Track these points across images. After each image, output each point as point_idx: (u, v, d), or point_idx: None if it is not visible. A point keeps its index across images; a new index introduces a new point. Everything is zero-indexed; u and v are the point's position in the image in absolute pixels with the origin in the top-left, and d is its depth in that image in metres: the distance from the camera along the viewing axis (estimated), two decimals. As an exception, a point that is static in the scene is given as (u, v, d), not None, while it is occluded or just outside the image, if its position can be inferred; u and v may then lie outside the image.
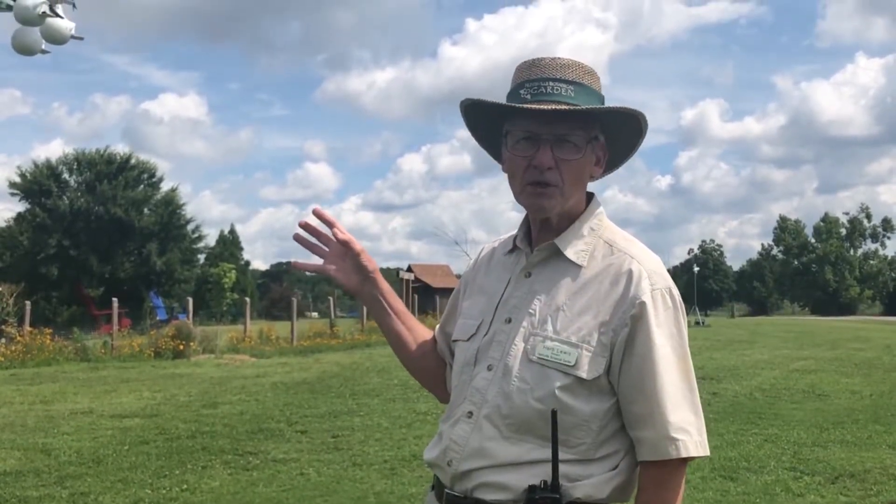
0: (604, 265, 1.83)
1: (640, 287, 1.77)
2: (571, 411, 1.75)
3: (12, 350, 19.15)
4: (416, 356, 2.18)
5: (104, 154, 56.12)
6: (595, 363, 1.76)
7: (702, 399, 7.20)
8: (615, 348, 1.76)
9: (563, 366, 1.76)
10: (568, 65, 1.82)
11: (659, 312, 1.76)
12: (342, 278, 2.07)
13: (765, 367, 16.17)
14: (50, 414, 11.12)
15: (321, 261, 2.09)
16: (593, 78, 1.85)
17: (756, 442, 8.83)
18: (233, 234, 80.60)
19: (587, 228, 1.88)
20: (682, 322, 1.81)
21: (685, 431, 1.75)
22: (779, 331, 29.72)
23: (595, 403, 1.77)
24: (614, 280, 1.80)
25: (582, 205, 1.90)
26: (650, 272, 1.80)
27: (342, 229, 2.03)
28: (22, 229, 52.71)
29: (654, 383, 1.74)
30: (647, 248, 1.88)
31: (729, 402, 11.55)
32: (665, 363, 1.75)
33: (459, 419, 1.87)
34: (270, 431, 9.68)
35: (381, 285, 2.11)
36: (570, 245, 1.86)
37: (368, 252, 2.06)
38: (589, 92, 1.83)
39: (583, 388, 1.76)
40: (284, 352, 22.23)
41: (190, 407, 11.63)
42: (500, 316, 1.89)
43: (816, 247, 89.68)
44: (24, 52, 6.65)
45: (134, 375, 16.10)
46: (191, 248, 60.14)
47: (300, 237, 2.07)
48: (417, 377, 2.26)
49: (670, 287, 1.81)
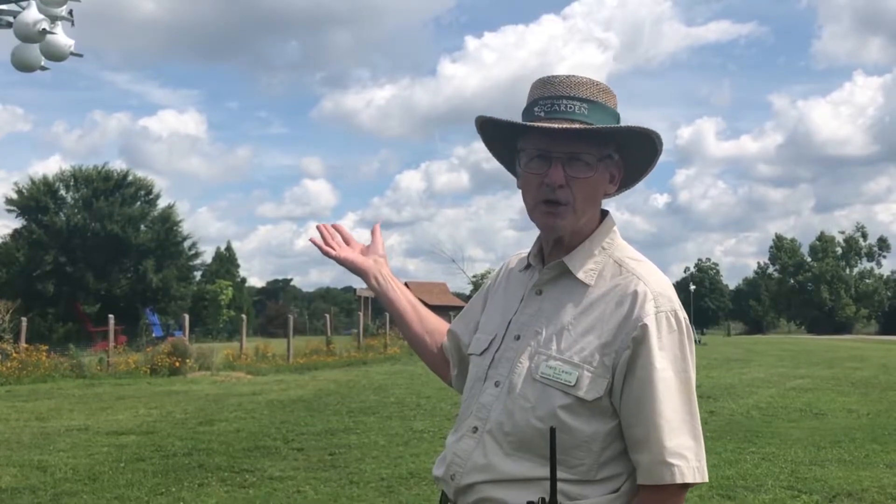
0: (611, 285, 1.82)
1: (643, 309, 1.75)
2: (572, 431, 1.74)
3: (8, 367, 19.10)
4: (420, 333, 2.29)
5: (101, 171, 56.18)
6: (596, 384, 1.75)
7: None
8: (617, 370, 1.75)
9: (563, 385, 1.76)
10: (582, 83, 1.83)
11: (662, 335, 1.74)
12: (351, 256, 2.30)
13: (761, 386, 16.17)
14: (46, 430, 11.09)
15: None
16: (608, 95, 1.85)
17: (753, 461, 8.81)
18: (229, 252, 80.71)
19: (598, 247, 1.88)
20: (686, 345, 1.78)
21: (682, 457, 1.72)
22: (775, 349, 29.74)
23: (596, 424, 1.76)
24: (619, 301, 1.79)
25: (594, 223, 1.90)
26: (656, 294, 1.77)
27: (377, 233, 2.38)
28: (18, 246, 52.69)
29: (652, 407, 1.72)
30: (656, 268, 1.87)
31: (726, 421, 11.54)
32: (665, 387, 1.73)
33: (464, 434, 1.89)
34: (267, 449, 9.65)
35: (388, 268, 2.33)
36: (579, 263, 1.86)
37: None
38: (603, 109, 1.83)
39: (584, 409, 1.75)
40: (281, 369, 22.19)
41: (186, 424, 11.60)
42: (510, 333, 1.90)
43: (812, 266, 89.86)
44: (23, 69, 6.68)
45: (130, 392, 16.07)
46: (187, 265, 60.12)
47: (319, 230, 2.37)
48: (420, 355, 2.35)
49: (676, 310, 1.78)
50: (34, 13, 6.19)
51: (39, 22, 6.19)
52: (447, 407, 12.91)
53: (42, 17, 6.23)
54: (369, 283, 2.31)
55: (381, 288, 2.29)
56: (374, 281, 2.30)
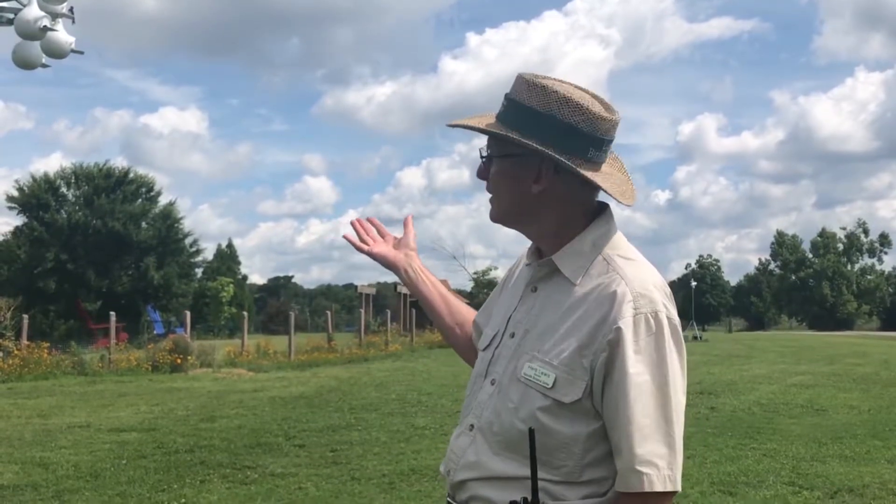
0: (594, 284, 1.78)
1: (620, 311, 1.70)
2: (552, 433, 1.72)
3: (9, 364, 19.11)
4: (451, 325, 2.32)
5: (102, 168, 56.28)
6: (574, 387, 1.72)
7: (700, 414, 7.26)
8: (595, 372, 1.71)
9: (542, 387, 1.74)
10: (524, 81, 1.83)
11: (639, 338, 1.69)
12: (384, 251, 2.35)
13: (763, 382, 16.17)
14: (47, 428, 11.11)
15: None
16: (538, 94, 1.79)
17: (755, 457, 8.82)
18: (230, 249, 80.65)
19: (589, 243, 1.84)
20: (667, 348, 1.71)
21: (652, 465, 1.66)
22: (776, 346, 29.74)
23: (577, 426, 1.73)
24: (600, 301, 1.75)
25: (578, 218, 1.86)
26: (636, 294, 1.72)
27: (409, 226, 2.41)
28: (20, 243, 52.76)
29: (625, 413, 1.67)
30: (647, 265, 1.83)
31: (727, 417, 11.54)
32: (638, 392, 1.67)
33: (463, 431, 1.90)
34: (268, 446, 9.66)
35: (419, 260, 2.35)
36: (567, 260, 1.84)
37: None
38: (516, 108, 1.81)
39: (563, 411, 1.73)
40: (282, 366, 22.20)
41: (188, 421, 11.61)
42: (508, 330, 1.90)
43: (814, 262, 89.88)
44: (24, 67, 6.68)
45: (131, 389, 16.08)
46: (188, 263, 60.21)
47: (353, 226, 2.42)
48: (452, 345, 2.37)
49: (657, 311, 1.72)
50: (35, 10, 6.19)
51: (40, 19, 6.19)
52: (448, 403, 12.92)
53: (43, 14, 6.23)
54: (400, 276, 2.33)
55: (412, 281, 2.32)
56: (405, 274, 2.32)
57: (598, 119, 1.78)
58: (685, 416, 1.74)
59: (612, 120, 1.81)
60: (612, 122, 1.82)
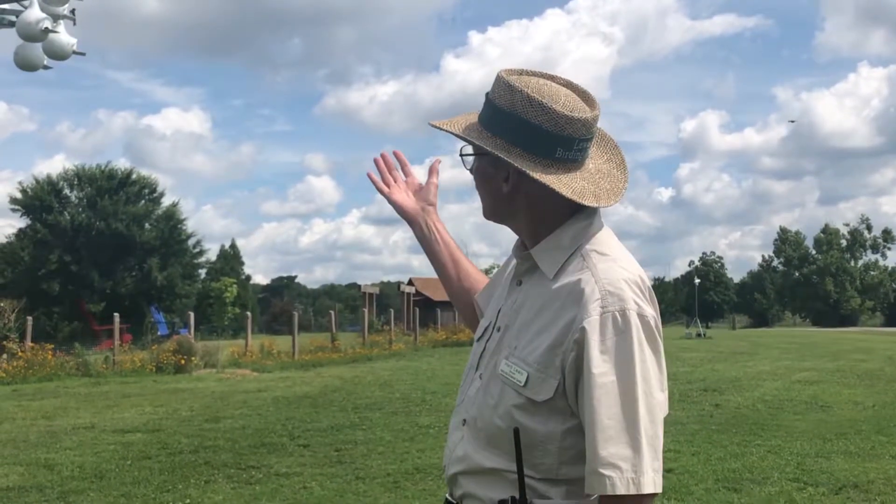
0: (568, 280, 1.76)
1: (586, 309, 1.68)
2: (527, 431, 1.71)
3: (14, 366, 19.14)
4: (458, 290, 2.32)
5: (105, 169, 56.34)
6: (545, 385, 1.70)
7: (704, 411, 7.27)
8: (566, 371, 1.69)
9: (515, 384, 1.74)
10: (498, 79, 1.82)
11: (607, 338, 1.66)
12: (403, 200, 2.32)
13: (767, 379, 16.15)
14: (52, 429, 11.12)
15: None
16: (506, 93, 1.79)
17: (759, 453, 8.82)
18: (234, 249, 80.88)
19: (568, 238, 1.81)
20: (637, 347, 1.66)
21: (615, 467, 1.62)
22: (780, 342, 29.69)
23: (553, 424, 1.71)
24: (571, 298, 1.72)
25: (556, 212, 1.83)
26: (605, 293, 1.69)
27: (435, 174, 2.36)
28: (23, 245, 52.84)
29: (590, 414, 1.64)
30: (623, 261, 1.79)
31: (731, 414, 11.54)
32: (603, 393, 1.63)
33: (457, 426, 1.91)
34: (273, 446, 9.67)
35: (436, 216, 2.33)
36: (545, 255, 1.82)
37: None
38: (491, 108, 1.82)
39: (537, 409, 1.72)
40: (286, 366, 22.20)
41: (192, 421, 11.62)
42: (497, 324, 1.90)
43: (817, 258, 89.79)
44: (26, 68, 6.70)
45: (136, 390, 16.09)
46: (192, 263, 60.28)
47: (377, 164, 2.37)
48: (456, 308, 2.37)
49: (626, 308, 1.68)
50: (37, 12, 6.21)
51: (42, 21, 6.20)
52: (452, 402, 12.81)
53: (45, 16, 6.24)
54: (415, 231, 2.32)
55: (425, 238, 2.31)
56: (419, 230, 2.31)
57: (563, 119, 1.75)
58: (695, 413, 1.73)
59: (582, 120, 1.77)
60: (583, 122, 1.77)
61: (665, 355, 1.76)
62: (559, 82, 1.84)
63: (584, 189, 1.77)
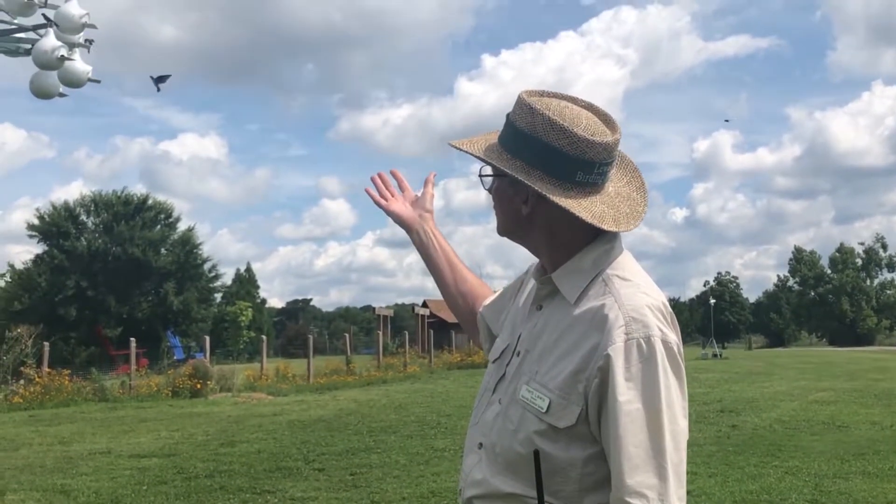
0: (590, 306, 1.74)
1: (610, 336, 1.67)
2: (548, 457, 1.70)
3: (31, 391, 19.22)
4: (455, 294, 2.35)
5: (122, 195, 56.63)
6: (568, 412, 1.69)
7: (721, 432, 7.24)
8: (590, 398, 1.68)
9: (537, 411, 1.72)
10: (519, 100, 1.82)
11: (631, 364, 1.65)
12: (400, 209, 2.38)
13: (784, 399, 16.07)
14: (69, 455, 11.16)
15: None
16: (527, 116, 1.79)
17: (777, 474, 8.77)
18: (249, 273, 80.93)
19: (589, 262, 1.81)
20: (661, 374, 1.65)
21: (641, 496, 1.61)
22: (797, 362, 29.53)
23: (574, 451, 1.70)
24: (594, 324, 1.71)
25: (577, 236, 1.82)
26: (629, 319, 1.68)
27: (430, 185, 2.42)
28: (40, 271, 53.03)
29: (616, 442, 1.63)
30: (645, 286, 1.78)
31: (748, 435, 11.48)
32: (629, 420, 1.63)
33: (472, 449, 1.91)
34: (288, 470, 9.68)
35: (433, 223, 2.37)
36: (565, 280, 1.81)
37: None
38: (511, 129, 1.82)
39: (559, 435, 1.70)
40: (301, 389, 22.22)
41: (208, 446, 11.64)
42: (517, 348, 1.88)
43: (833, 277, 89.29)
44: (42, 96, 6.74)
45: (152, 415, 16.13)
46: (207, 288, 60.39)
47: (374, 182, 2.45)
48: (453, 312, 2.40)
49: (650, 335, 1.67)
50: (52, 41, 6.26)
51: (57, 49, 6.26)
52: (468, 425, 12.87)
53: (60, 44, 6.29)
54: (412, 237, 2.36)
55: (422, 243, 2.34)
56: (416, 236, 2.35)
57: (583, 143, 1.74)
58: (710, 437, 1.70)
59: (603, 143, 1.76)
60: (604, 146, 1.76)
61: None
62: (581, 105, 1.83)
63: (603, 213, 1.77)
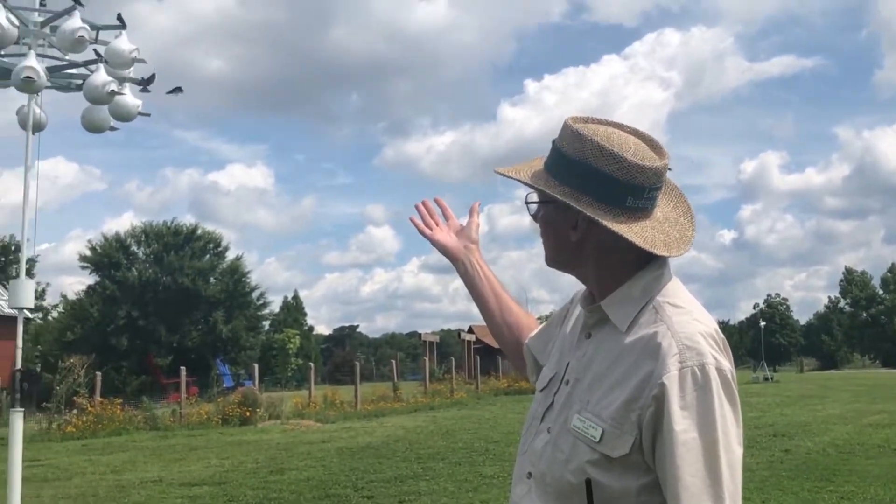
0: (642, 334, 1.73)
1: (664, 365, 1.65)
2: (601, 487, 1.69)
3: (84, 420, 19.50)
4: (500, 325, 2.35)
5: (171, 226, 57.45)
6: (621, 441, 1.67)
7: (774, 457, 7.15)
8: (644, 427, 1.66)
9: (590, 440, 1.71)
10: (565, 127, 1.82)
11: (686, 393, 1.63)
12: (445, 240, 2.38)
13: (837, 423, 15.79)
14: (121, 483, 11.27)
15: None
16: (575, 142, 1.79)
17: (832, 500, 8.61)
18: (296, 300, 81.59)
19: (639, 289, 1.79)
20: (717, 402, 1.64)
21: None
22: (850, 385, 29.02)
23: (628, 480, 1.68)
24: (646, 353, 1.69)
25: (628, 263, 1.81)
26: (683, 347, 1.66)
27: (475, 214, 2.42)
28: (92, 301, 53.87)
29: (672, 472, 1.61)
30: (697, 313, 1.76)
31: (802, 459, 11.28)
32: (685, 450, 1.61)
33: (521, 478, 1.90)
34: (337, 497, 9.69)
35: (479, 254, 2.37)
36: (616, 307, 1.80)
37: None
38: (558, 156, 1.82)
39: (612, 465, 1.69)
40: (349, 416, 22.27)
41: (257, 474, 11.70)
42: (565, 376, 1.87)
43: (885, 298, 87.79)
44: (93, 130, 6.90)
45: (202, 443, 16.26)
46: (256, 316, 60.89)
47: (418, 210, 2.44)
48: (498, 343, 2.40)
49: (705, 363, 1.64)
50: (103, 76, 6.41)
51: (108, 84, 6.40)
52: (516, 451, 12.80)
53: (111, 79, 6.44)
54: (458, 268, 2.36)
55: (468, 274, 2.35)
56: (462, 266, 2.35)
57: (633, 168, 1.74)
58: (754, 465, 1.68)
59: (653, 168, 1.76)
60: (653, 170, 1.76)
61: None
62: (626, 130, 1.83)
63: (654, 238, 1.77)
